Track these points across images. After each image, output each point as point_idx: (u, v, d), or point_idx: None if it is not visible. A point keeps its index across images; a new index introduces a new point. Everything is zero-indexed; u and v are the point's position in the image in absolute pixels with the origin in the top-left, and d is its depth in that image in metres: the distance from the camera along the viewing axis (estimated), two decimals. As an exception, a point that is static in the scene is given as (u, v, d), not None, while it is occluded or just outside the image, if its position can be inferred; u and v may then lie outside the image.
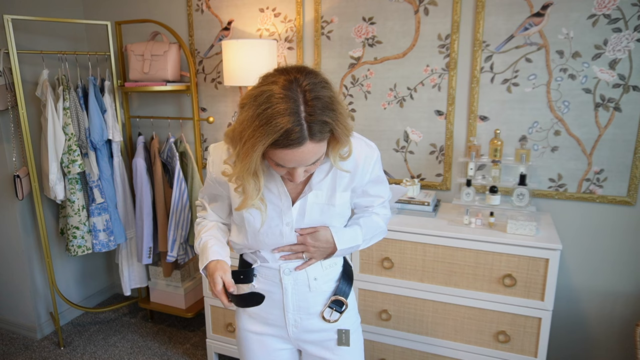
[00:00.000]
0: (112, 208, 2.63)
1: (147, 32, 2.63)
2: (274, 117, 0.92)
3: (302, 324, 1.29)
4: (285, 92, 0.93)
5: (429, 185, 2.28)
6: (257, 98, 0.95)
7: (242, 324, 1.35)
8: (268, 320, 1.30)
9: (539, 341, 1.77)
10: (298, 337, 1.31)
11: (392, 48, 2.20)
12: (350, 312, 1.33)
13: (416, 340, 1.97)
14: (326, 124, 0.96)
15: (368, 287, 2.00)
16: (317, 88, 0.95)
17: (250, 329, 1.33)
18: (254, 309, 1.30)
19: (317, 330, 1.30)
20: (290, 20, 2.37)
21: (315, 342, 1.31)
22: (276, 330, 1.31)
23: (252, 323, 1.33)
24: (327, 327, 1.29)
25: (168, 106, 2.78)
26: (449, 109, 2.15)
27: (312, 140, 0.95)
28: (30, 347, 2.68)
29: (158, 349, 2.64)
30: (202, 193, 1.35)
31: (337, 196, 1.18)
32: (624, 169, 1.95)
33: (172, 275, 2.75)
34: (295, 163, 0.99)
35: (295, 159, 0.98)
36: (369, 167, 1.21)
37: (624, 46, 1.85)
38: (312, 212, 1.18)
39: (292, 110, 0.92)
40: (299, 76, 0.95)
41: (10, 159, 2.52)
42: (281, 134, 0.92)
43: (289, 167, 1.02)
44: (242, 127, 0.97)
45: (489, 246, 1.77)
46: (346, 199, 1.21)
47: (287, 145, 0.94)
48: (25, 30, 2.52)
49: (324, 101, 0.95)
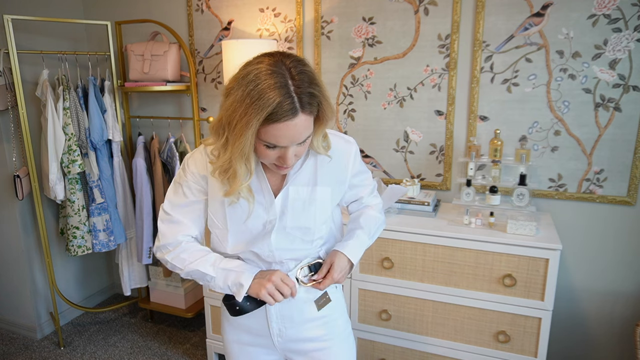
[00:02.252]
0: (112, 208, 2.63)
1: (147, 32, 2.63)
2: (264, 91, 0.93)
3: (287, 333, 1.25)
4: (273, 68, 0.95)
5: (429, 185, 2.28)
6: (245, 78, 0.96)
7: (227, 335, 1.33)
8: (252, 330, 1.27)
9: (539, 341, 1.77)
10: (284, 347, 1.28)
11: (392, 48, 2.20)
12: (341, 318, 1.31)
13: (416, 340, 1.97)
14: (314, 96, 0.98)
15: (368, 287, 2.00)
16: (300, 65, 0.98)
17: (236, 339, 1.31)
18: (238, 319, 1.26)
19: (303, 340, 1.26)
20: (290, 20, 2.37)
21: (301, 351, 1.28)
22: (261, 340, 1.28)
23: (237, 334, 1.30)
24: (313, 336, 1.26)
25: (168, 106, 2.78)
26: (449, 109, 2.15)
27: (303, 112, 0.97)
28: (30, 347, 2.68)
29: (158, 349, 2.64)
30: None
31: (318, 191, 1.17)
32: (624, 169, 1.95)
33: (172, 275, 2.75)
34: (288, 139, 0.99)
35: (289, 133, 0.98)
36: (349, 162, 1.21)
37: (624, 46, 1.85)
38: (294, 207, 1.16)
39: (282, 83, 0.94)
40: (282, 57, 0.98)
41: (10, 159, 2.52)
42: (274, 106, 0.93)
43: (280, 147, 1.01)
44: (232, 110, 0.97)
45: (489, 246, 1.77)
46: (327, 195, 1.19)
47: (280, 118, 0.95)
48: (25, 30, 2.53)
49: (309, 75, 0.98)
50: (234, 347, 1.31)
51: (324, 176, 1.17)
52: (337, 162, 1.18)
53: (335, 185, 1.20)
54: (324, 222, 1.21)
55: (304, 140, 1.02)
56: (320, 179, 1.17)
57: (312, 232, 1.18)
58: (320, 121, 1.05)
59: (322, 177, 1.17)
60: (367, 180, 1.32)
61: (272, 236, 1.16)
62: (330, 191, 1.19)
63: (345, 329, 1.33)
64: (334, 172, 1.19)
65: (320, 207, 1.18)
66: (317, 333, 1.26)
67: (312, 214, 1.17)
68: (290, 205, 1.15)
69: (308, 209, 1.17)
